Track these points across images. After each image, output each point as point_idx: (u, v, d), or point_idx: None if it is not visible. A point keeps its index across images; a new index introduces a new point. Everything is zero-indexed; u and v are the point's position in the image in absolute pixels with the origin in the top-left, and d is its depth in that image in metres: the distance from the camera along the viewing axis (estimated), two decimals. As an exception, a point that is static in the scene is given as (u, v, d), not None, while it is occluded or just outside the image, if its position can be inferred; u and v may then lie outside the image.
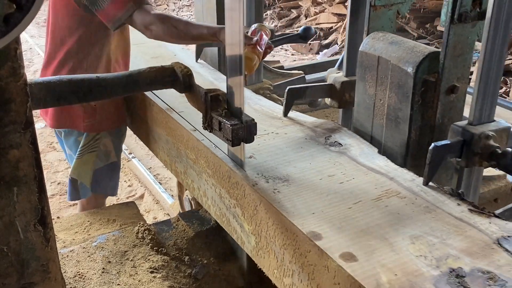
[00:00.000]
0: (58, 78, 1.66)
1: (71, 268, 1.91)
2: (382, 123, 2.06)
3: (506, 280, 1.32)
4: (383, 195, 1.70)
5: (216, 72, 2.94)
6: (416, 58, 1.86)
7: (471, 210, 1.61)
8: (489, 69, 1.71)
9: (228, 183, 1.92)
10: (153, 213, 3.57)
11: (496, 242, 1.46)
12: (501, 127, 1.81)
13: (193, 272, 1.91)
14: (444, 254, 1.42)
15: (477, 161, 1.77)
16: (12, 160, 1.21)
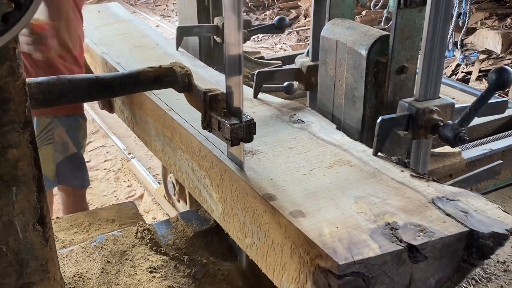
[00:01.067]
0: (57, 78, 1.65)
1: (70, 268, 1.89)
2: (341, 102, 2.22)
3: (434, 231, 1.47)
4: (335, 164, 1.86)
5: (195, 59, 3.09)
6: (368, 41, 2.02)
7: (412, 175, 1.77)
8: (432, 50, 1.87)
9: (198, 156, 2.08)
10: (153, 213, 3.55)
11: (431, 202, 1.62)
12: (445, 103, 1.96)
13: (192, 272, 1.89)
14: (382, 211, 1.57)
15: (422, 133, 1.93)
16: (11, 160, 1.19)
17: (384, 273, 1.41)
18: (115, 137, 4.91)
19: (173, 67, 1.86)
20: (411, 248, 1.42)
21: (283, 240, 1.59)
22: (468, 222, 1.51)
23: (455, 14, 5.30)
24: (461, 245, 1.49)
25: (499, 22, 6.77)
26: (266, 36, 8.78)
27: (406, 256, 1.42)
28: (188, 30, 3.24)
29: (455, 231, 1.48)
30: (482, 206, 1.59)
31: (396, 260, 1.41)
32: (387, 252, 1.39)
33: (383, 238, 1.45)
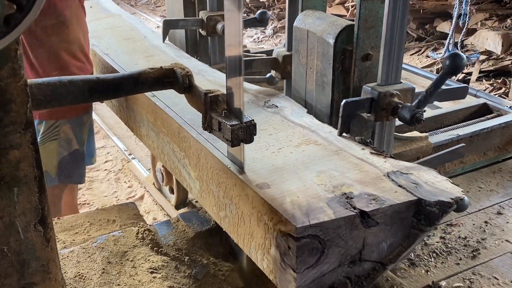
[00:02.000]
0: (58, 79, 1.63)
1: (71, 269, 1.88)
2: (312, 88, 2.35)
3: (385, 200, 1.61)
4: (303, 143, 1.99)
5: (180, 51, 3.21)
6: (335, 30, 2.15)
7: (372, 152, 1.90)
8: (392, 38, 2.00)
9: (178, 138, 2.21)
10: (153, 214, 3.54)
11: (385, 175, 1.75)
12: (406, 88, 2.10)
13: (193, 273, 1.89)
14: (340, 183, 1.71)
15: (384, 115, 2.06)
16: (13, 161, 1.19)
17: (338, 236, 1.54)
18: (115, 138, 4.89)
19: (174, 68, 1.84)
20: (363, 214, 1.55)
21: (251, 210, 1.73)
22: (418, 192, 1.64)
23: (455, 15, 5.33)
24: (410, 212, 1.62)
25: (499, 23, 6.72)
26: (266, 37, 8.88)
27: (358, 221, 1.55)
28: (174, 23, 3.37)
29: (405, 199, 1.61)
30: (432, 179, 1.73)
31: (349, 225, 1.54)
32: (341, 217, 1.53)
33: (338, 205, 1.58)
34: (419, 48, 7.16)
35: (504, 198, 2.73)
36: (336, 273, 1.60)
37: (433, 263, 2.23)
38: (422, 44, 7.25)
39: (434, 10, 7.45)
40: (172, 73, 1.83)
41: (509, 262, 2.26)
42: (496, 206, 2.66)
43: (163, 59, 3.01)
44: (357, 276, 1.65)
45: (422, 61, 6.64)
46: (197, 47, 3.67)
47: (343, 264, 1.59)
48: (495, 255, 2.30)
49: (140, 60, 2.99)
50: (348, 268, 1.61)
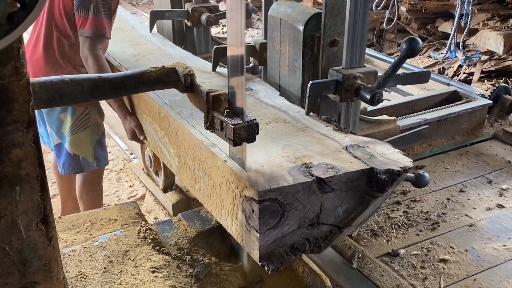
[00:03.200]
0: (60, 77, 1.62)
1: (73, 268, 1.88)
2: (285, 73, 2.50)
3: (340, 168, 1.76)
4: (273, 121, 2.14)
5: (165, 40, 3.36)
6: (304, 18, 2.30)
7: (334, 129, 2.06)
8: (355, 24, 2.15)
9: (159, 118, 2.36)
10: (154, 213, 3.54)
11: (344, 148, 1.91)
12: (369, 71, 2.25)
13: (195, 272, 1.87)
14: (302, 155, 1.86)
15: (348, 96, 2.22)
16: (15, 159, 1.18)
17: (297, 200, 1.69)
18: (117, 137, 4.86)
19: (176, 67, 1.83)
20: (320, 181, 1.70)
21: (221, 180, 1.88)
22: (371, 162, 1.79)
23: (457, 15, 5.26)
24: (364, 180, 1.77)
25: (501, 23, 6.57)
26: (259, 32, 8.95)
27: (315, 187, 1.70)
28: (161, 14, 3.51)
29: (358, 168, 1.76)
30: (386, 151, 1.88)
31: (307, 190, 1.69)
32: (299, 183, 1.67)
33: (298, 173, 1.73)
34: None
35: (467, 177, 2.89)
36: (296, 234, 1.75)
37: (395, 234, 2.38)
38: (424, 44, 7.07)
39: (436, 10, 7.32)
40: (174, 72, 1.81)
41: (466, 233, 2.42)
42: (459, 185, 2.82)
43: (149, 47, 3.16)
44: (315, 238, 1.80)
45: (424, 61, 6.63)
46: (184, 38, 3.82)
47: (302, 226, 1.75)
48: (453, 228, 2.46)
49: (127, 48, 3.13)
50: (307, 230, 1.77)
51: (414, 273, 2.15)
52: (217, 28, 8.22)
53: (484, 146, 3.26)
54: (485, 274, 2.16)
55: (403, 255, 2.24)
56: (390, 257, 2.24)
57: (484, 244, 2.34)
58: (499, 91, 3.47)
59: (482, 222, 2.50)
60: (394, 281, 2.07)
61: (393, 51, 7.17)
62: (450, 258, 2.24)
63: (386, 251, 2.27)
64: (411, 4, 7.25)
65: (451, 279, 2.13)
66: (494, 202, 2.66)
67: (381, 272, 2.11)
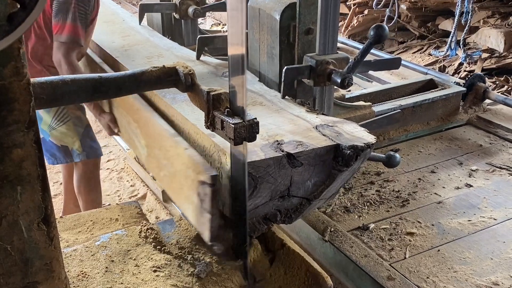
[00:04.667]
0: (60, 78, 1.62)
1: (75, 267, 1.88)
2: (264, 60, 2.64)
3: (309, 145, 1.90)
4: (250, 104, 2.27)
5: (153, 31, 3.49)
6: (280, 7, 2.43)
7: (307, 111, 2.20)
8: (326, 12, 2.28)
9: (132, 110, 2.47)
10: (156, 212, 3.54)
11: (314, 127, 2.04)
12: (341, 57, 2.38)
13: (196, 271, 1.88)
14: (275, 134, 1.99)
15: (321, 81, 2.36)
16: (16, 159, 1.18)
17: (268, 174, 1.82)
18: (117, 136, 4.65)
19: (176, 67, 1.83)
20: (289, 156, 1.84)
21: (180, 166, 2.02)
22: (337, 139, 1.93)
23: (457, 12, 5.26)
24: (330, 155, 1.91)
25: (502, 21, 6.58)
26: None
27: (285, 162, 1.84)
28: (149, 7, 3.64)
29: (325, 144, 1.90)
30: (352, 130, 2.02)
31: (277, 165, 1.83)
32: (269, 157, 1.81)
33: (269, 149, 1.87)
34: (421, 46, 7.10)
35: (439, 160, 3.03)
36: (268, 205, 1.89)
37: (366, 210, 2.52)
38: (425, 42, 7.20)
39: (436, 8, 7.35)
40: (175, 72, 1.82)
41: (434, 210, 2.55)
42: (431, 166, 2.96)
43: (138, 38, 3.28)
44: (286, 209, 1.94)
45: (425, 59, 6.64)
46: (173, 30, 3.95)
47: (274, 198, 1.88)
48: (422, 205, 2.59)
49: (116, 39, 3.26)
50: (278, 202, 1.90)
51: (382, 245, 2.29)
52: (217, 27, 8.29)
53: (458, 131, 3.40)
54: (449, 245, 2.30)
55: (373, 229, 2.38)
56: (360, 230, 2.38)
57: (450, 219, 2.47)
58: (473, 79, 3.60)
59: (450, 199, 2.64)
60: (362, 252, 2.20)
61: (394, 49, 7.24)
62: (416, 231, 2.38)
63: (357, 226, 2.41)
64: (411, 2, 7.26)
65: (416, 250, 2.27)
66: (463, 182, 2.80)
67: (350, 244, 2.25)
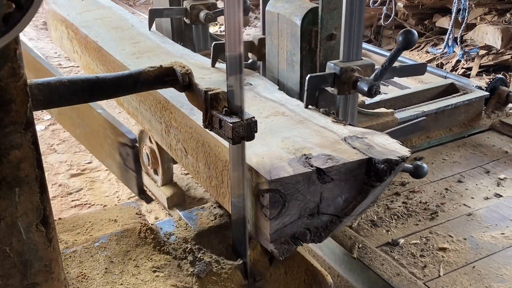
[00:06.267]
0: (58, 79, 1.61)
1: (74, 269, 1.88)
2: (284, 68, 2.53)
3: (339, 159, 1.79)
4: (272, 115, 2.17)
5: (164, 37, 3.39)
6: (302, 12, 2.33)
7: (333, 121, 2.09)
8: (351, 17, 2.18)
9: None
10: (155, 213, 3.52)
11: (343, 139, 1.94)
12: (366, 64, 2.28)
13: (196, 271, 1.88)
14: (301, 147, 1.88)
15: (346, 89, 2.25)
16: (14, 161, 1.17)
17: (297, 191, 1.72)
18: None
19: (173, 67, 1.82)
20: (319, 171, 1.73)
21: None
22: (369, 152, 1.82)
23: (454, 10, 5.26)
24: (362, 170, 1.80)
25: (499, 17, 6.60)
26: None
27: (315, 178, 1.73)
28: (159, 12, 3.54)
29: (357, 158, 1.79)
30: (384, 141, 1.91)
31: (307, 180, 1.72)
32: (299, 173, 1.71)
33: (297, 164, 1.76)
34: (419, 43, 7.08)
35: (465, 168, 2.92)
36: (297, 224, 1.78)
37: (394, 224, 2.41)
38: (422, 39, 7.18)
39: (433, 5, 7.35)
40: (172, 72, 1.81)
41: (464, 222, 2.44)
42: (457, 176, 2.85)
43: (148, 45, 3.18)
44: (316, 228, 1.83)
45: (422, 56, 6.63)
46: (183, 35, 3.85)
47: (303, 216, 1.78)
48: (452, 217, 2.48)
49: (127, 46, 3.16)
50: (307, 220, 1.80)
51: (413, 262, 2.18)
52: (214, 27, 8.23)
53: (482, 137, 3.29)
54: (484, 261, 2.19)
55: (403, 245, 2.27)
56: (390, 246, 2.27)
57: (483, 233, 2.36)
58: (495, 82, 3.49)
59: (480, 211, 2.53)
60: (394, 270, 2.09)
61: (391, 47, 7.14)
62: (449, 247, 2.27)
63: (386, 241, 2.30)
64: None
65: (450, 267, 2.15)
66: (492, 191, 2.69)
67: (381, 261, 2.14)
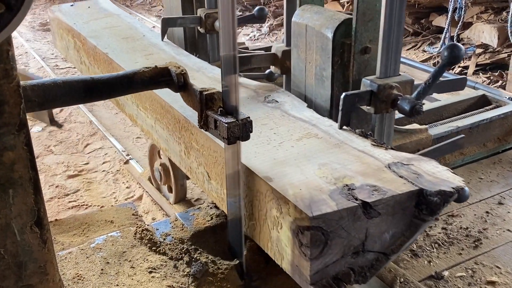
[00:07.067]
0: (52, 80, 1.61)
1: (70, 270, 1.88)
2: (312, 83, 2.36)
3: (387, 190, 1.62)
4: (304, 137, 2.00)
5: (179, 48, 3.22)
6: (334, 24, 2.16)
7: (373, 144, 1.92)
8: (390, 30, 2.01)
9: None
10: (152, 214, 3.55)
11: (386, 166, 1.76)
12: (405, 80, 2.11)
13: (192, 271, 1.90)
14: (342, 175, 1.72)
15: (383, 108, 2.08)
16: (7, 162, 1.18)
17: (341, 227, 1.55)
18: (113, 138, 4.90)
19: (168, 67, 1.84)
20: (365, 205, 1.56)
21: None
22: (419, 182, 1.65)
23: (450, 8, 5.30)
24: (412, 202, 1.63)
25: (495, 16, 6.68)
26: (263, 35, 8.81)
27: (361, 212, 1.57)
28: (173, 22, 3.38)
29: (406, 189, 1.62)
30: (433, 169, 1.74)
31: (351, 216, 1.56)
32: (343, 208, 1.54)
33: (340, 197, 1.59)
34: (416, 43, 7.13)
35: (504, 188, 2.75)
36: (340, 264, 1.61)
37: (436, 253, 2.24)
38: (418, 39, 7.22)
39: (430, 4, 7.43)
40: (167, 72, 1.83)
41: (511, 251, 2.27)
42: (497, 197, 2.68)
43: (162, 57, 3.02)
44: (361, 267, 1.66)
45: (419, 55, 6.62)
46: (196, 45, 3.68)
47: (346, 255, 1.61)
48: (497, 245, 2.31)
49: (139, 58, 3.00)
50: (351, 259, 1.63)
51: (462, 298, 2.01)
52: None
53: (517, 153, 3.12)
54: (538, 296, 2.02)
55: (448, 278, 2.10)
56: (434, 280, 2.10)
57: (532, 263, 2.19)
58: (530, 93, 3.32)
59: (526, 237, 2.35)
60: (441, 308, 1.93)
61: None
62: (498, 280, 2.09)
63: (429, 274, 2.13)
64: (404, -1, 7.34)
65: (502, 304, 1.99)
66: (536, 214, 2.52)
67: (426, 298, 1.98)
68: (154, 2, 11.31)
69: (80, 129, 5.19)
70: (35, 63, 7.30)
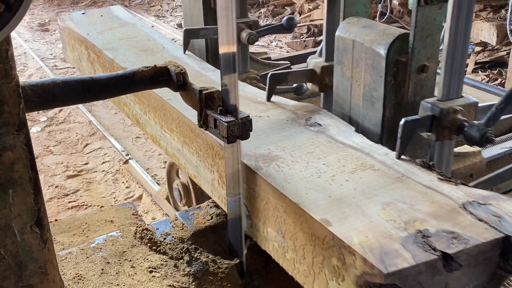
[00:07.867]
0: (51, 80, 1.63)
1: (70, 270, 1.90)
2: (359, 104, 2.16)
3: (468, 238, 1.42)
4: (358, 168, 1.80)
5: (203, 62, 3.03)
6: (387, 40, 1.96)
7: (440, 178, 1.71)
8: (454, 48, 1.81)
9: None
10: (152, 213, 3.57)
11: (461, 207, 1.56)
12: (469, 102, 1.91)
13: (192, 271, 1.91)
14: (412, 218, 1.52)
15: (446, 135, 1.87)
16: (7, 162, 1.20)
17: (419, 284, 1.35)
18: (112, 138, 4.96)
19: (168, 66, 1.87)
20: (445, 257, 1.37)
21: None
22: (502, 227, 1.45)
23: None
24: (497, 251, 1.44)
25: (494, 14, 6.79)
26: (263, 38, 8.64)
27: (440, 265, 1.37)
28: (195, 33, 3.18)
29: (490, 237, 1.42)
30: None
31: (430, 270, 1.36)
32: (421, 262, 1.34)
33: (415, 247, 1.40)
34: None
35: None
36: (414, 325, 1.41)
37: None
38: None
39: None
40: (166, 71, 1.85)
41: None
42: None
43: (187, 72, 2.82)
44: (438, 326, 1.46)
45: None
46: (218, 57, 3.48)
47: (422, 314, 1.40)
48: None
49: (162, 74, 2.81)
50: (427, 318, 1.42)
51: None
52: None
53: None
54: None
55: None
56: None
57: None
58: None
59: None
60: None
61: None
62: None
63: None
64: (403, -3, 7.53)
65: None
66: None
67: None
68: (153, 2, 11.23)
69: (79, 129, 5.23)
70: (33, 63, 7.28)
